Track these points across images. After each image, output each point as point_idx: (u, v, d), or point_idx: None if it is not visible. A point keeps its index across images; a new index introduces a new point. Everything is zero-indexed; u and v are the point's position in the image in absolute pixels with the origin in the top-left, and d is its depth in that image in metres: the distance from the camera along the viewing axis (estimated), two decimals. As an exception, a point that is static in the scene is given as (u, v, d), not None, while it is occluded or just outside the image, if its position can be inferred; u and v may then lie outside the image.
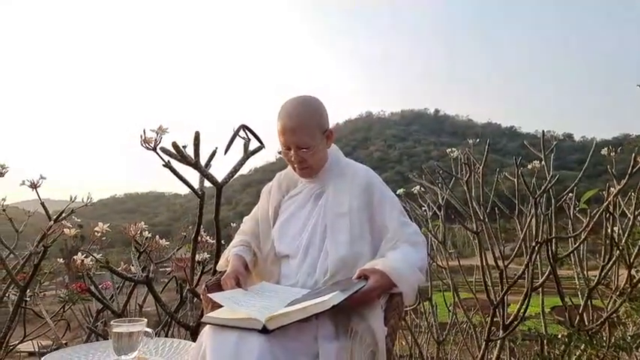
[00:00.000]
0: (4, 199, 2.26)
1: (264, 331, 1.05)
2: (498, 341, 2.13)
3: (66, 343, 3.13)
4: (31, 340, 2.61)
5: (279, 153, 1.45)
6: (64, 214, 2.19)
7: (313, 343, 1.15)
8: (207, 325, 1.13)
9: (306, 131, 1.36)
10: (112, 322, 1.16)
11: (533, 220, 2.10)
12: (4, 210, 2.14)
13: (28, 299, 2.39)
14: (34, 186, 2.10)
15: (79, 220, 2.22)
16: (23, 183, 2.07)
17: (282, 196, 1.54)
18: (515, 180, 2.26)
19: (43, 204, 2.20)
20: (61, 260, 2.60)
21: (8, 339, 2.19)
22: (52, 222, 2.01)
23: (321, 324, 1.17)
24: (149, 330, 1.17)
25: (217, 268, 1.53)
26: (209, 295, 1.21)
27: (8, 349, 2.25)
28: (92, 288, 1.91)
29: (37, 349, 2.76)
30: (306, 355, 1.13)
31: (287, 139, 1.37)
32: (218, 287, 1.35)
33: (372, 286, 1.20)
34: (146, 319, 1.18)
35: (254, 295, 1.27)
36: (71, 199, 2.27)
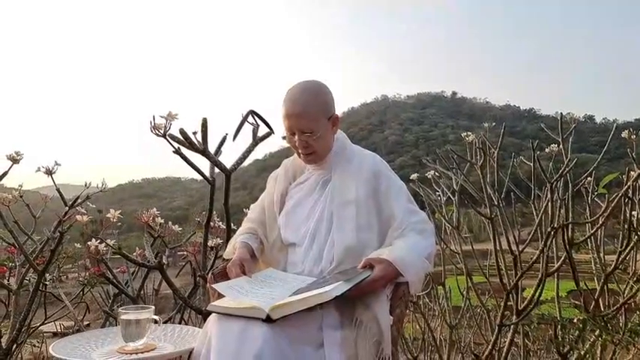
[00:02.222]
0: (20, 186, 2.31)
1: (267, 320, 1.06)
2: (512, 326, 2.11)
3: (88, 324, 3.23)
4: (53, 321, 2.69)
5: (284, 138, 1.44)
6: (79, 200, 2.23)
7: (318, 331, 1.15)
8: (213, 313, 1.14)
9: (311, 116, 1.35)
10: (119, 310, 1.18)
11: (549, 205, 2.05)
12: (21, 196, 2.18)
13: (47, 283, 2.46)
14: (49, 172, 2.14)
15: (93, 207, 2.25)
16: (38, 170, 2.11)
17: (289, 183, 1.53)
18: (532, 164, 2.21)
19: (58, 190, 2.24)
20: (78, 245, 2.66)
21: (30, 321, 2.26)
22: (68, 208, 2.05)
23: (325, 313, 1.17)
24: (156, 317, 1.18)
25: (224, 256, 1.54)
26: (213, 285, 1.22)
27: (30, 331, 2.32)
28: (107, 273, 1.95)
29: (59, 330, 2.86)
30: (310, 344, 1.13)
31: (291, 124, 1.36)
32: (224, 275, 1.36)
33: (377, 275, 1.19)
34: (154, 306, 1.19)
35: (258, 282, 1.27)
36: (86, 185, 2.31)
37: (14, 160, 2.01)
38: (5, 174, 2.00)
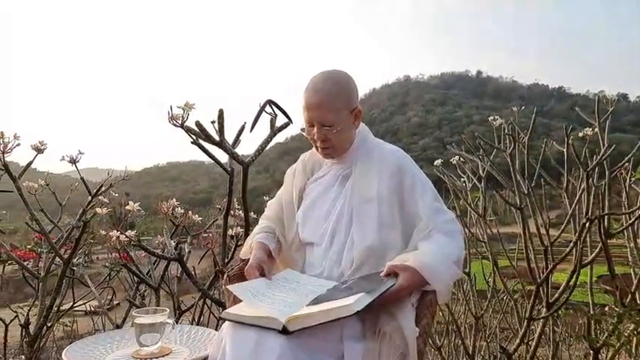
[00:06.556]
0: (47, 173, 2.35)
1: (284, 331, 1.00)
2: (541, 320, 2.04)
3: (118, 303, 3.33)
4: (83, 303, 2.77)
5: (302, 130, 1.34)
6: (102, 189, 2.26)
7: (338, 343, 1.08)
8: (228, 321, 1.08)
9: (332, 108, 1.26)
10: (133, 313, 1.15)
11: (584, 193, 1.95)
12: (47, 185, 2.22)
13: (75, 268, 2.51)
14: (73, 161, 2.17)
15: (116, 195, 2.28)
16: (63, 159, 2.14)
17: (307, 178, 1.44)
18: (565, 150, 2.09)
19: (82, 179, 2.27)
20: (103, 232, 2.70)
21: (60, 304, 2.32)
22: (91, 197, 2.07)
23: (346, 323, 1.08)
24: (169, 321, 1.15)
25: (241, 256, 1.46)
26: (229, 287, 1.16)
27: (59, 314, 2.39)
28: (129, 263, 1.96)
29: (89, 310, 2.99)
30: (330, 356, 1.06)
31: (311, 115, 1.28)
32: (241, 277, 1.31)
33: (402, 285, 1.10)
34: (168, 310, 1.16)
35: (276, 286, 1.21)
36: (108, 173, 2.33)
37: (38, 150, 2.04)
38: (30, 164, 2.04)
